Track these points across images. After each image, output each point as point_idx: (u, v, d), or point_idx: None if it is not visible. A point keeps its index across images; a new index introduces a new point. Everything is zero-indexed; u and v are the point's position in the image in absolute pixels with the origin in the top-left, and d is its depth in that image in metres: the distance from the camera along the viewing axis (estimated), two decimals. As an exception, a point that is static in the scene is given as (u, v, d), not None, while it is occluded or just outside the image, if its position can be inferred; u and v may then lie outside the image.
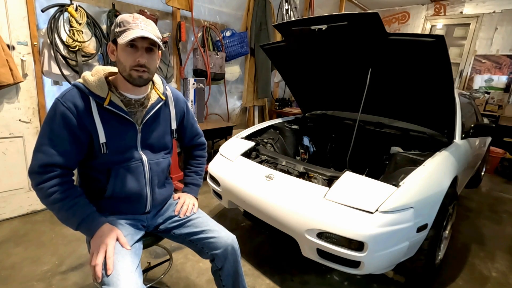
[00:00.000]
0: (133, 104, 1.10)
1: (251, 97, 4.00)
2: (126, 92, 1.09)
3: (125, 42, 0.95)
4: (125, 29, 0.97)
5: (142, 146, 1.13)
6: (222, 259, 1.17)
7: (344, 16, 1.67)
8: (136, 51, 1.00)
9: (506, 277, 1.90)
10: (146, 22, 1.00)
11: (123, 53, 1.00)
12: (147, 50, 1.02)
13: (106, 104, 1.01)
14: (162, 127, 1.20)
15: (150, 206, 1.19)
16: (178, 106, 1.27)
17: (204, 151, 1.48)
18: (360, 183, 1.52)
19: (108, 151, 1.04)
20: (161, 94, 1.18)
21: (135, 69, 1.01)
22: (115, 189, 1.09)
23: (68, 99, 0.99)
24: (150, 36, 0.97)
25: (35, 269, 1.75)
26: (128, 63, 1.00)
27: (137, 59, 1.00)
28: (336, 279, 1.80)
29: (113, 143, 1.05)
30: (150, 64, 1.03)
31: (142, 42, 0.99)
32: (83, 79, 1.03)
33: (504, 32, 4.48)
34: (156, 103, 1.15)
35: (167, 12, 2.95)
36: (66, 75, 2.25)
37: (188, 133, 1.37)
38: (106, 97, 1.01)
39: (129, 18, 0.99)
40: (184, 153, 1.49)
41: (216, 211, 2.60)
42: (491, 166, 4.06)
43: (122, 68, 1.02)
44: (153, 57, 1.04)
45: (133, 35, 0.95)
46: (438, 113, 2.03)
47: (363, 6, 5.44)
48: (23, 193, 2.30)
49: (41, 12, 2.12)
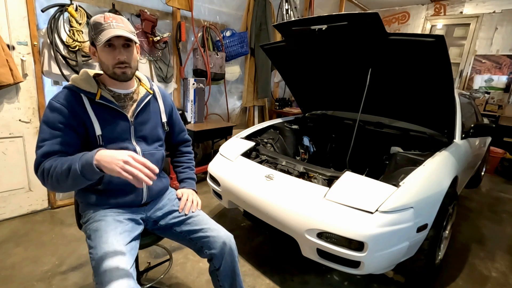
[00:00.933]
0: (123, 98, 1.16)
1: (251, 97, 4.00)
2: (114, 87, 1.15)
3: (101, 44, 1.00)
4: (99, 30, 1.01)
5: (136, 138, 1.17)
6: (220, 259, 1.17)
7: (344, 16, 1.67)
8: (114, 50, 1.05)
9: (506, 277, 1.90)
10: (118, 20, 1.04)
11: (103, 54, 1.05)
12: (124, 46, 1.06)
13: (97, 99, 1.07)
14: (153, 119, 1.24)
15: (147, 196, 1.21)
16: (166, 100, 1.33)
17: (191, 148, 1.53)
18: (360, 183, 1.52)
19: (104, 143, 1.08)
20: (148, 88, 1.24)
21: (117, 67, 1.06)
22: (111, 180, 1.11)
23: (61, 97, 1.04)
24: (123, 34, 1.01)
25: (35, 269, 1.75)
26: (109, 62, 1.06)
27: (116, 57, 1.05)
28: (336, 279, 1.80)
29: (108, 135, 1.09)
30: (129, 59, 1.08)
31: (118, 40, 1.04)
32: (72, 81, 1.08)
33: (504, 32, 4.48)
34: (145, 97, 1.21)
35: (167, 12, 2.95)
36: (66, 75, 2.24)
37: (176, 127, 1.42)
38: (96, 93, 1.07)
39: (100, 19, 1.02)
40: (172, 152, 1.51)
41: (216, 211, 2.60)
42: (491, 166, 4.06)
43: (106, 68, 1.08)
44: (131, 52, 1.09)
45: (107, 35, 0.99)
46: (438, 113, 2.03)
47: (363, 6, 5.44)
48: (23, 193, 2.30)
49: (41, 12, 2.12)
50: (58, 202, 2.48)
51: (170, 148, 1.48)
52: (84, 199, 1.17)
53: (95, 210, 1.14)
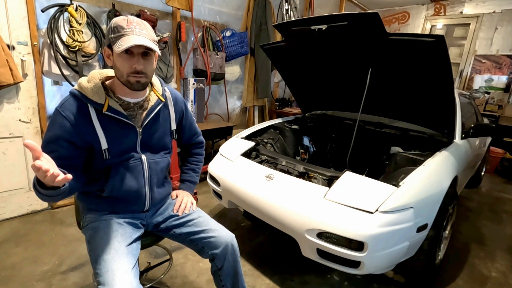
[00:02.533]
0: (132, 107, 1.10)
1: (251, 97, 4.00)
2: (125, 96, 1.08)
3: (121, 50, 0.93)
4: (119, 35, 0.94)
5: (141, 147, 1.13)
6: (222, 259, 1.17)
7: (344, 16, 1.66)
8: (132, 57, 0.98)
9: (506, 277, 1.90)
10: (141, 26, 0.98)
11: (120, 59, 0.98)
12: (143, 54, 0.99)
13: (105, 111, 1.01)
14: (162, 129, 1.20)
15: (149, 205, 1.20)
16: (177, 106, 1.27)
17: (202, 150, 1.49)
18: (360, 183, 1.52)
19: (111, 156, 1.05)
20: (160, 95, 1.17)
21: (132, 75, 0.99)
22: (114, 188, 1.09)
23: (66, 108, 0.99)
24: (144, 43, 0.95)
25: (35, 269, 1.75)
26: (125, 69, 0.99)
27: (133, 66, 0.98)
28: (336, 279, 1.80)
29: (115, 148, 1.06)
30: (146, 69, 1.01)
31: (137, 49, 0.97)
32: (79, 86, 1.01)
33: (504, 32, 4.48)
34: (155, 105, 1.14)
35: (167, 12, 2.95)
36: (66, 75, 2.25)
37: (187, 132, 1.37)
38: (104, 103, 1.01)
39: (123, 22, 0.96)
40: (182, 151, 1.49)
41: (216, 211, 2.60)
42: (491, 166, 4.06)
43: (120, 74, 1.01)
44: (149, 61, 1.02)
45: (129, 43, 0.93)
46: (438, 113, 2.03)
47: (363, 6, 5.44)
48: (23, 193, 2.30)
49: (41, 12, 2.12)
50: (58, 202, 2.48)
51: (181, 147, 1.46)
52: (85, 204, 1.17)
53: (96, 214, 1.13)
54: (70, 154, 0.99)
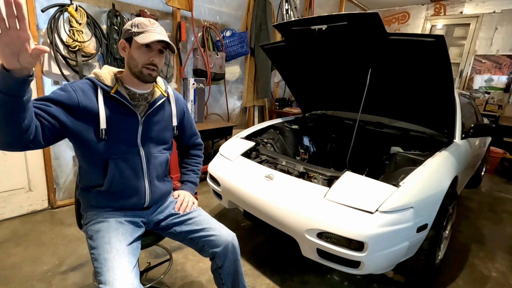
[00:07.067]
0: (137, 98, 1.16)
1: (251, 97, 4.00)
2: (132, 87, 1.15)
3: (145, 42, 1.03)
4: (143, 30, 1.06)
5: (142, 139, 1.16)
6: (223, 257, 1.18)
7: (344, 16, 1.67)
8: (151, 51, 1.08)
9: (506, 277, 1.90)
10: (160, 28, 1.11)
11: (138, 51, 1.07)
12: (159, 51, 1.11)
13: (112, 92, 1.08)
14: (163, 122, 1.24)
15: (149, 200, 1.20)
16: (179, 104, 1.33)
17: (201, 152, 1.53)
18: (360, 183, 1.52)
19: (107, 138, 1.07)
20: (163, 91, 1.24)
21: (146, 67, 1.09)
22: (113, 180, 1.11)
23: (77, 84, 1.06)
24: (167, 40, 1.08)
25: (35, 269, 1.75)
26: (141, 60, 1.08)
27: (150, 59, 1.08)
28: (336, 279, 1.80)
29: (114, 131, 1.08)
30: (159, 64, 1.13)
31: (157, 45, 1.09)
32: (93, 74, 1.10)
33: (504, 32, 4.48)
34: (159, 99, 1.21)
35: (167, 12, 2.95)
36: (66, 75, 2.25)
37: (187, 132, 1.42)
38: (113, 87, 1.09)
39: (146, 21, 1.08)
40: (181, 153, 1.51)
41: (216, 211, 2.60)
42: (491, 166, 4.06)
43: (134, 64, 1.09)
44: (163, 58, 1.15)
45: (154, 37, 1.04)
46: (438, 113, 2.03)
47: (363, 6, 5.44)
48: (23, 193, 2.30)
49: (41, 12, 2.12)
50: (58, 202, 2.49)
51: (180, 149, 1.50)
52: (86, 200, 1.18)
53: (97, 212, 1.14)
54: (55, 115, 0.97)
